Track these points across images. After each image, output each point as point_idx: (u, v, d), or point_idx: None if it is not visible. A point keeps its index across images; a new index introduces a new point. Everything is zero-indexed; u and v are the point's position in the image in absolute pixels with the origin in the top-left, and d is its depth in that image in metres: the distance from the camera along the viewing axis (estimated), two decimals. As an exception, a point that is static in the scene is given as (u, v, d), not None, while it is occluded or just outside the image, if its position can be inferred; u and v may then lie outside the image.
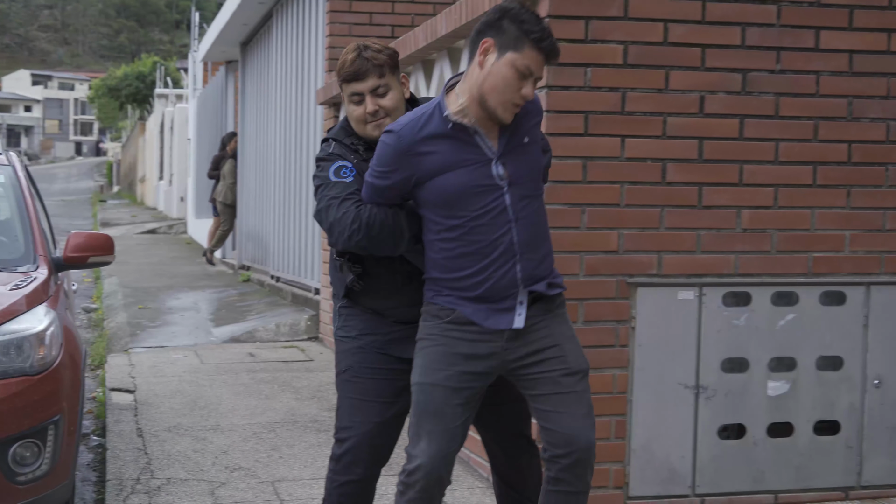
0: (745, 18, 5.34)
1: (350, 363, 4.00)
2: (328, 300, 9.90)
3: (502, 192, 3.68)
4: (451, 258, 3.71)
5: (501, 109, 3.61)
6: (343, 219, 3.76)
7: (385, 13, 10.13)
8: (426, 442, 3.72)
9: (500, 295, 3.72)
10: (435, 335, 3.76)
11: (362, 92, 3.93)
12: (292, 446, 6.39)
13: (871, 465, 5.63)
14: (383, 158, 3.72)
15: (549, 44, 3.59)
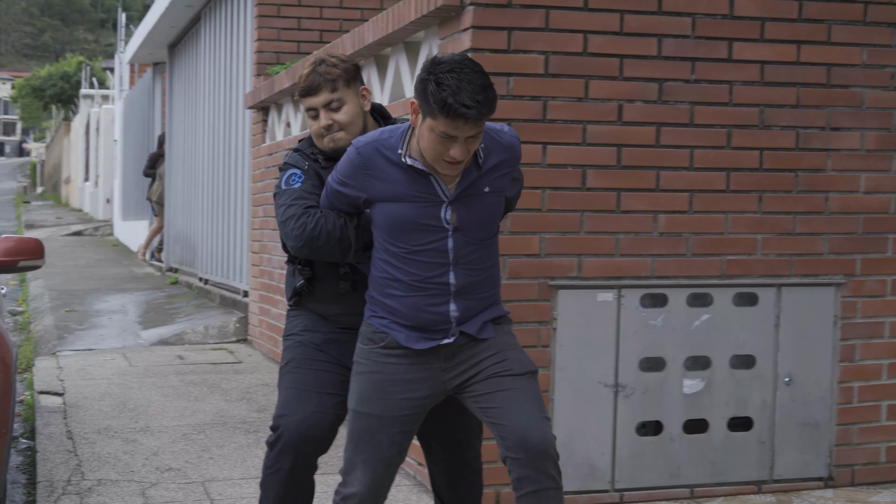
0: (661, 30, 5.54)
1: (292, 356, 4.06)
2: (257, 302, 9.99)
3: (446, 234, 3.66)
4: (388, 280, 3.71)
5: (439, 166, 3.58)
6: (287, 225, 3.84)
7: (313, 18, 10.25)
8: (361, 471, 3.74)
9: (429, 328, 3.71)
10: (370, 361, 3.75)
11: (316, 107, 3.97)
12: (222, 447, 6.49)
13: (783, 460, 5.85)
14: (343, 169, 3.74)
15: (460, 113, 3.42)
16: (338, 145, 3.97)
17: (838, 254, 5.88)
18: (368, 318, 3.79)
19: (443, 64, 3.49)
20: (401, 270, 3.68)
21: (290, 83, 8.46)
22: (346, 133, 3.98)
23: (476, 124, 3.47)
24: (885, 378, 6.00)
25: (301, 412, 3.96)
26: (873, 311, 5.96)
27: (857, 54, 5.81)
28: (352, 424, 3.78)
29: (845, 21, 5.79)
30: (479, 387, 3.72)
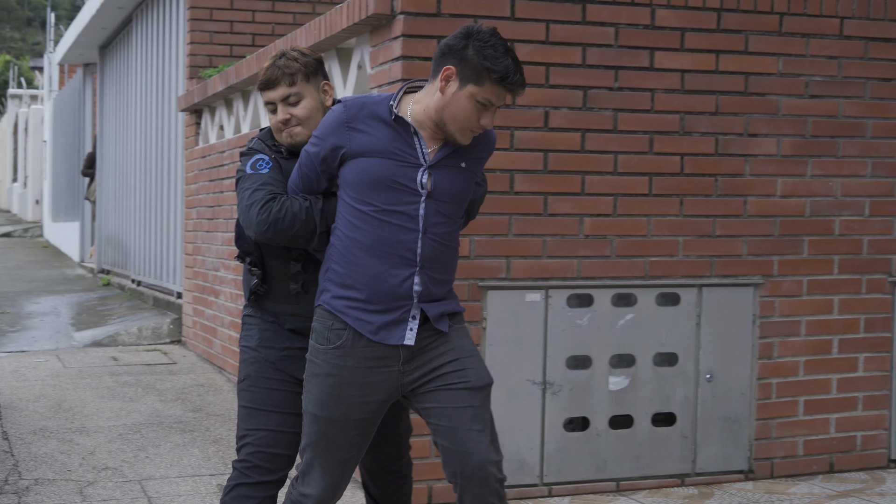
0: (585, 39, 5.73)
1: (248, 372, 3.97)
2: (190, 304, 10.07)
3: (419, 199, 3.60)
4: (350, 248, 3.61)
5: (460, 135, 3.58)
6: (252, 210, 3.73)
7: (246, 22, 10.35)
8: (319, 473, 3.69)
9: (388, 303, 3.61)
10: (327, 364, 3.65)
11: (274, 101, 3.92)
12: (158, 446, 6.58)
13: (705, 454, 6.06)
14: (323, 126, 3.68)
15: (513, 81, 3.52)
16: (295, 140, 3.91)
17: (756, 255, 6.11)
18: (326, 301, 3.66)
19: (483, 33, 3.52)
20: (367, 233, 3.59)
21: (224, 86, 8.56)
22: (303, 128, 3.91)
23: (515, 94, 3.58)
24: (802, 374, 6.24)
25: (260, 432, 3.91)
26: (790, 310, 6.19)
27: (773, 63, 6.05)
28: (309, 427, 3.70)
29: (762, 31, 6.02)
30: (433, 398, 3.65)
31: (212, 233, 9.29)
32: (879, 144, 6.30)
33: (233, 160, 8.63)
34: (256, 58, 7.68)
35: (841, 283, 6.30)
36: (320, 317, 3.68)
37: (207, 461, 6.29)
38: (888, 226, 6.36)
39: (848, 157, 6.25)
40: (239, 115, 8.69)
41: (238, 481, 3.94)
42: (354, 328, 3.61)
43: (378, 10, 5.53)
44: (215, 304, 9.16)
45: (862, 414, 6.37)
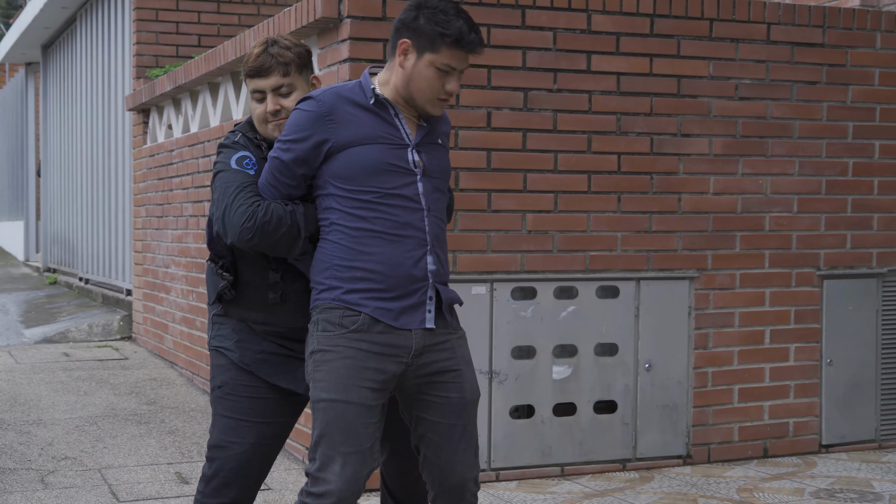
0: (525, 43, 5.99)
1: (225, 379, 3.78)
2: (141, 300, 10.22)
3: (415, 178, 3.57)
4: (358, 238, 3.53)
5: (430, 106, 3.57)
6: (237, 212, 3.54)
7: (192, 23, 10.52)
8: (340, 465, 3.46)
9: (408, 287, 3.54)
10: (340, 347, 3.51)
11: (264, 90, 3.74)
12: (115, 437, 6.76)
13: (645, 440, 6.34)
14: (297, 125, 3.55)
15: (468, 40, 3.50)
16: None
17: (691, 250, 6.39)
18: (333, 298, 3.55)
19: (436, 3, 3.52)
20: (375, 220, 3.52)
21: (172, 86, 8.72)
22: None
23: (474, 55, 3.55)
24: (736, 364, 6.54)
25: (241, 444, 3.74)
26: (724, 303, 6.49)
27: (704, 67, 6.34)
28: (324, 416, 3.49)
29: (693, 36, 6.31)
30: (428, 409, 3.62)
31: (161, 230, 9.45)
32: (806, 144, 6.62)
33: (181, 159, 8.81)
34: (205, 59, 7.87)
35: (772, 276, 6.60)
36: (327, 309, 3.54)
37: (164, 451, 6.48)
38: (816, 222, 6.67)
39: (776, 157, 6.55)
40: (188, 114, 8.86)
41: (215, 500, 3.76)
42: (372, 315, 3.50)
43: (325, 13, 5.75)
44: (166, 301, 9.33)
45: (794, 401, 6.68)
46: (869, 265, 6.81)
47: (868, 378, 6.81)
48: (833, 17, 6.65)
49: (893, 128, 6.82)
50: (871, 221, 6.80)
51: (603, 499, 5.68)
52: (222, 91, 7.93)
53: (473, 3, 5.87)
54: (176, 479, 5.92)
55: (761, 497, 5.70)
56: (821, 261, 6.71)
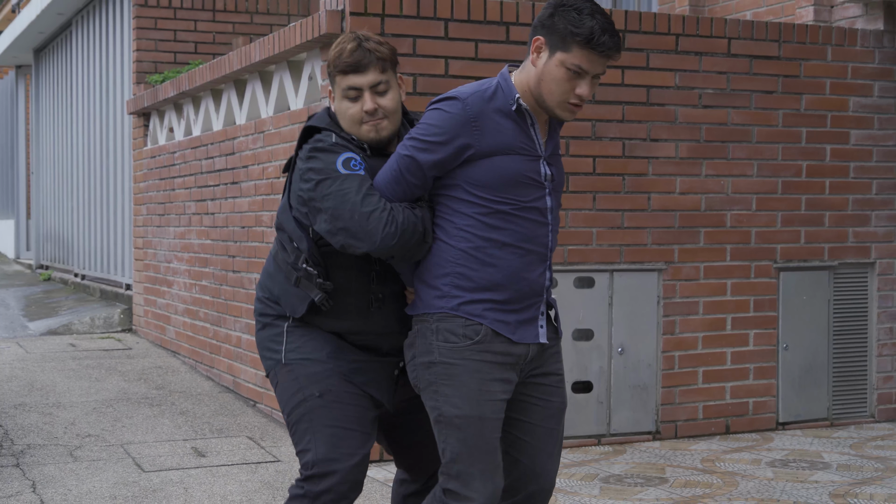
0: (509, 56, 6.60)
1: (327, 386, 3.53)
2: (142, 294, 10.78)
3: (545, 192, 3.48)
4: (486, 249, 3.41)
5: (560, 109, 3.41)
6: (373, 219, 3.33)
7: (188, 31, 11.09)
8: (481, 481, 3.39)
9: (526, 300, 3.45)
10: (467, 360, 3.39)
11: (361, 87, 3.48)
12: (131, 417, 7.34)
13: (618, 417, 6.96)
14: (439, 127, 3.36)
15: (599, 41, 3.31)
16: (380, 135, 3.51)
17: (659, 244, 7.02)
18: (454, 307, 3.41)
19: (574, 3, 3.37)
20: (505, 231, 3.41)
21: (175, 92, 9.29)
22: (389, 122, 3.53)
23: (608, 60, 3.38)
24: (701, 348, 7.17)
25: (354, 456, 3.52)
26: (689, 292, 7.12)
27: (670, 78, 6.97)
28: (459, 433, 3.39)
29: (661, 50, 6.95)
30: (527, 411, 3.55)
31: (163, 227, 10.01)
32: (763, 148, 7.26)
33: (184, 160, 9.38)
34: (210, 67, 8.44)
35: (733, 268, 7.23)
36: (446, 318, 3.42)
37: (178, 429, 7.07)
38: (772, 219, 7.31)
39: (736, 160, 7.19)
40: (190, 118, 9.43)
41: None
42: (492, 328, 3.41)
43: (329, 30, 6.35)
44: (168, 294, 9.90)
45: (753, 383, 7.31)
46: (821, 259, 7.46)
47: (820, 362, 7.45)
48: (788, 32, 7.30)
49: (843, 133, 7.48)
50: (823, 219, 7.45)
51: (581, 468, 6.29)
52: (225, 97, 8.51)
53: (462, 20, 6.48)
54: (193, 452, 6.52)
55: (722, 466, 6.34)
56: (777, 254, 7.34)
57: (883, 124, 7.59)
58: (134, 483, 5.92)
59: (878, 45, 7.55)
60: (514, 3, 6.61)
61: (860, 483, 5.95)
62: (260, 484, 5.92)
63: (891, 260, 7.62)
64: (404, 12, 6.36)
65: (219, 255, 8.54)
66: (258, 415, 7.51)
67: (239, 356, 8.11)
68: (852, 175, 7.51)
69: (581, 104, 3.42)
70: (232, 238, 8.24)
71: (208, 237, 8.79)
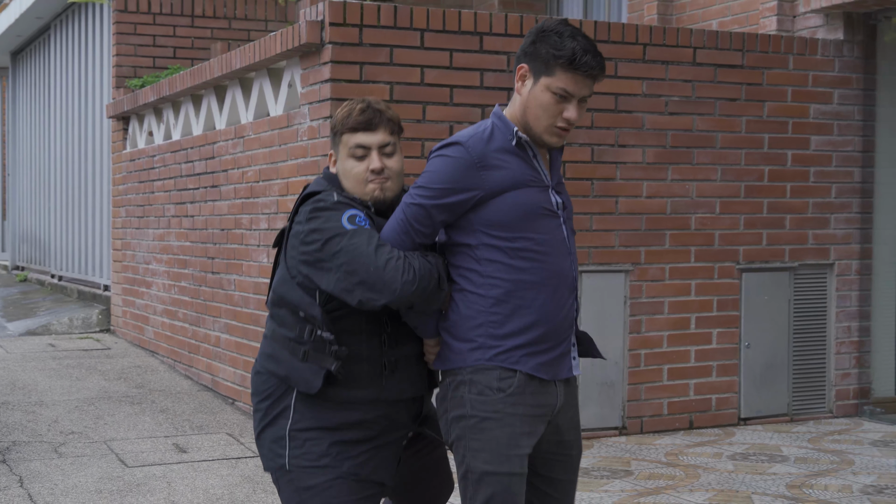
0: (483, 65, 6.84)
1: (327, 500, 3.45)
2: (120, 295, 10.96)
3: (560, 221, 3.44)
4: (515, 291, 3.34)
5: (548, 135, 3.38)
6: (390, 269, 3.27)
7: (167, 36, 11.28)
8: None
9: (559, 336, 3.40)
10: (500, 413, 3.32)
11: (370, 146, 3.46)
12: (113, 415, 7.54)
13: (586, 413, 7.17)
14: (445, 174, 3.34)
15: (581, 61, 3.31)
16: (385, 196, 3.48)
17: (626, 246, 7.27)
18: (486, 360, 3.35)
19: (552, 26, 3.37)
20: (534, 270, 3.36)
21: (156, 97, 9.48)
22: (393, 183, 3.49)
23: (593, 81, 3.37)
24: (666, 347, 7.42)
25: None
26: (655, 293, 7.38)
27: (638, 86, 7.23)
28: (488, 489, 3.33)
29: (629, 59, 7.20)
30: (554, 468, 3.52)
31: (142, 229, 10.21)
32: (727, 154, 7.52)
33: (164, 164, 9.58)
34: (190, 74, 8.64)
35: (697, 269, 7.50)
36: (480, 370, 3.35)
37: (159, 426, 7.28)
38: (735, 222, 7.58)
39: (701, 165, 7.45)
40: (170, 122, 9.63)
41: None
42: (527, 373, 3.35)
43: (310, 39, 6.57)
44: (147, 295, 10.09)
45: (716, 380, 7.58)
46: (782, 260, 7.73)
47: (781, 359, 7.73)
48: (751, 41, 7.57)
49: (804, 139, 7.75)
50: (784, 222, 7.72)
51: (549, 462, 6.52)
52: (205, 102, 8.72)
53: (437, 30, 6.71)
54: (174, 448, 6.72)
55: (685, 459, 6.59)
56: (740, 256, 7.61)
57: (842, 130, 7.87)
58: (118, 478, 6.12)
59: (837, 55, 7.83)
60: (487, 14, 6.85)
61: (816, 475, 6.22)
62: (241, 478, 6.14)
63: (849, 261, 7.90)
64: (382, 23, 6.59)
65: (198, 257, 8.74)
66: (237, 412, 7.72)
67: (218, 355, 8.32)
68: (812, 179, 7.79)
69: (569, 128, 3.39)
70: (211, 240, 8.45)
71: (187, 239, 8.99)
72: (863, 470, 6.33)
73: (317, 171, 6.67)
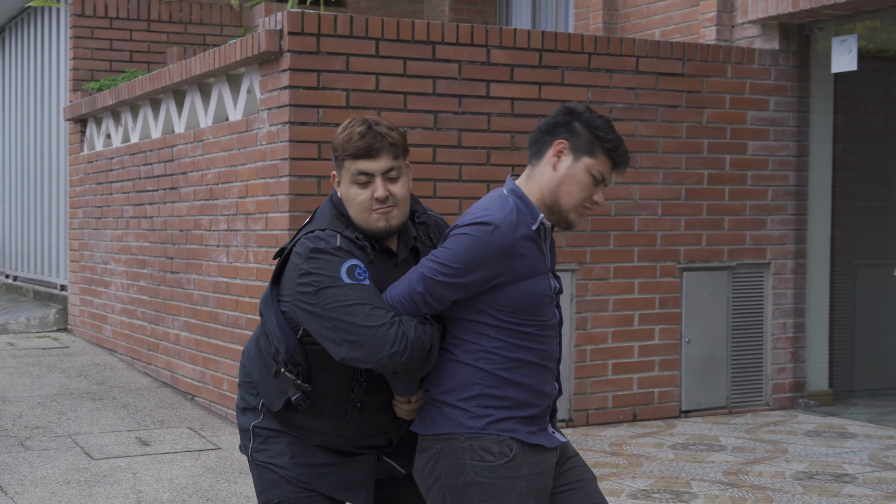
0: (435, 73, 7.13)
1: (281, 494, 3.46)
2: (77, 294, 11.15)
3: (554, 305, 3.45)
4: (512, 369, 3.33)
5: (574, 214, 3.39)
6: (380, 333, 3.18)
7: (124, 40, 11.45)
8: None
9: (542, 414, 3.41)
10: (506, 479, 3.30)
11: (373, 172, 3.31)
12: (76, 411, 7.75)
13: (533, 407, 7.51)
14: (472, 255, 3.27)
15: (621, 154, 3.38)
16: (390, 224, 3.35)
17: (573, 246, 7.59)
18: (484, 427, 3.32)
19: (584, 110, 3.42)
20: (532, 352, 3.36)
21: (115, 100, 9.69)
22: (399, 211, 3.36)
23: (619, 171, 3.43)
24: (610, 342, 7.75)
25: None
26: (600, 291, 7.70)
27: (583, 93, 7.55)
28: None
29: (575, 68, 7.53)
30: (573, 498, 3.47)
31: (100, 230, 10.41)
32: (668, 158, 7.87)
33: (122, 166, 9.79)
34: (150, 78, 8.87)
35: (640, 269, 7.83)
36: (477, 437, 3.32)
37: (121, 421, 7.51)
38: (676, 223, 7.92)
39: (644, 168, 7.79)
40: (128, 125, 9.84)
41: None
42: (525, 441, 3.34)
43: (269, 48, 6.83)
44: (105, 294, 10.30)
45: (658, 374, 7.91)
46: (721, 259, 8.08)
47: (720, 354, 8.08)
48: (691, 51, 7.92)
49: (741, 144, 8.12)
50: (723, 223, 8.08)
51: (499, 452, 6.83)
52: (164, 106, 8.95)
53: (392, 40, 7.00)
54: (137, 441, 6.96)
55: (628, 449, 6.92)
56: (681, 256, 7.96)
57: (777, 136, 8.24)
58: (85, 469, 6.36)
59: (773, 63, 8.20)
60: (439, 24, 7.15)
61: (752, 462, 6.57)
62: (203, 469, 6.39)
63: (784, 261, 8.27)
64: (338, 32, 6.87)
65: (157, 257, 8.97)
66: (197, 407, 7.96)
67: (177, 352, 8.55)
68: (749, 183, 8.15)
69: (591, 211, 3.43)
70: (171, 240, 8.68)
71: (146, 239, 9.22)
72: (796, 458, 6.69)
73: (275, 174, 6.93)
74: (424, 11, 12.30)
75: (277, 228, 6.94)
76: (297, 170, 6.77)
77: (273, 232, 7.00)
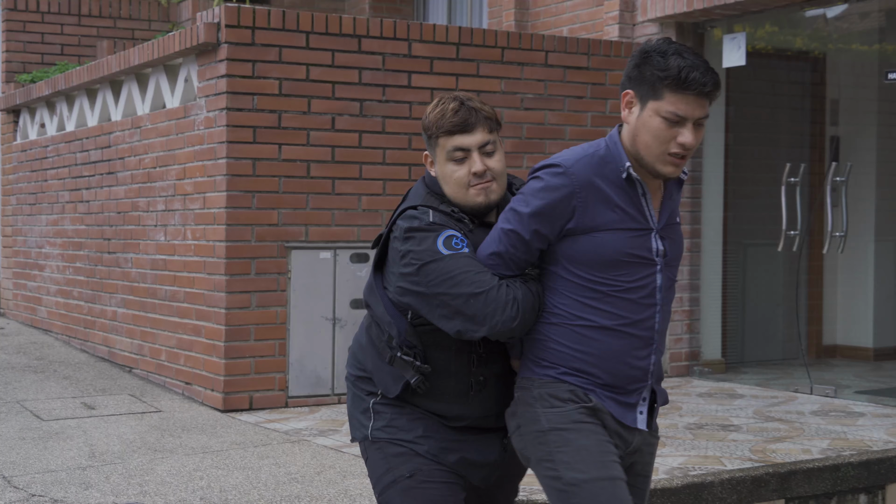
0: (361, 64, 7.73)
1: (416, 466, 3.35)
2: (10, 279, 11.55)
3: (656, 270, 3.21)
4: (581, 330, 3.18)
5: (661, 164, 3.15)
6: (490, 299, 3.12)
7: (55, 34, 11.90)
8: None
9: (628, 385, 3.21)
10: (580, 423, 3.15)
11: (469, 147, 3.28)
12: (20, 381, 8.21)
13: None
14: (543, 199, 3.14)
15: (689, 78, 3.05)
16: (489, 199, 3.30)
17: (487, 225, 8.20)
18: (558, 375, 3.19)
19: (654, 46, 3.16)
20: (604, 314, 3.17)
21: (51, 91, 10.14)
22: (497, 185, 3.32)
23: (707, 101, 3.12)
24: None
25: None
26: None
27: (497, 84, 8.20)
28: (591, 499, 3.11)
29: (489, 60, 8.17)
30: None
31: (35, 216, 10.83)
32: (575, 145, 8.50)
33: (57, 154, 10.24)
34: (87, 69, 9.34)
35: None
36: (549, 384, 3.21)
37: (65, 390, 7.99)
38: (583, 204, 8.57)
39: (553, 154, 8.42)
40: (63, 115, 10.29)
41: None
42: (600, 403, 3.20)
43: (206, 39, 7.37)
44: (40, 277, 10.72)
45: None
46: (623, 239, 8.76)
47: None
48: (596, 46, 8.61)
49: (642, 133, 8.79)
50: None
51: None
52: (100, 96, 9.42)
53: (321, 33, 7.58)
54: (83, 406, 7.46)
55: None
56: (587, 235, 8.60)
57: (675, 126, 8.93)
58: (37, 428, 6.86)
59: (671, 59, 8.89)
60: (365, 19, 7.76)
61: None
62: (149, 426, 6.92)
63: (681, 241, 8.96)
64: (272, 25, 7.44)
65: (94, 239, 9.44)
66: (135, 378, 8.46)
67: (115, 328, 9.04)
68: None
69: (686, 155, 3.14)
70: (108, 223, 9.16)
71: (83, 223, 9.68)
72: (688, 413, 7.39)
73: (213, 156, 7.47)
74: (345, 9, 12.87)
75: (215, 207, 7.47)
76: (233, 152, 7.33)
77: (210, 210, 7.53)
